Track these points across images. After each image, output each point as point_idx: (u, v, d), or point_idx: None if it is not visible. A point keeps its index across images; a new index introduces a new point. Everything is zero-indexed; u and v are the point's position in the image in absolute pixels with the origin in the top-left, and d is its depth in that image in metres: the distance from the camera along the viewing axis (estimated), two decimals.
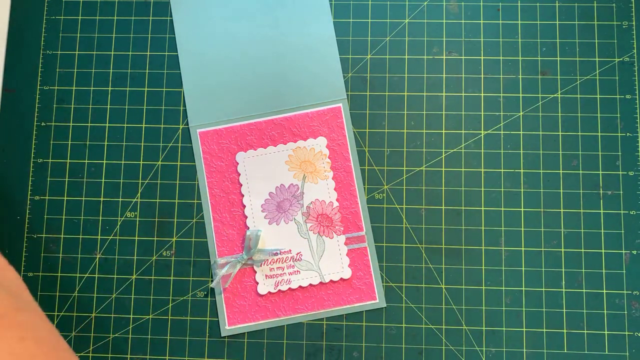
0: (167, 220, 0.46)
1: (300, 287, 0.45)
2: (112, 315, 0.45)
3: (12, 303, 0.24)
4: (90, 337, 0.45)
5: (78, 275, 0.46)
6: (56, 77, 0.48)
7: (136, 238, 0.46)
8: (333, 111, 0.46)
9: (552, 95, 0.46)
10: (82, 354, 0.45)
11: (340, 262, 0.45)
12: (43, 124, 0.48)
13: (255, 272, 0.45)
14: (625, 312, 0.44)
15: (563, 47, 0.47)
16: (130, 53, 0.48)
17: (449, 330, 0.44)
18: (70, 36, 0.49)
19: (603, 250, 0.45)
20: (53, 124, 0.48)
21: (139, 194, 0.46)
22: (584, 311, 0.44)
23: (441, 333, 0.44)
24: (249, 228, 0.45)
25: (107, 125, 0.47)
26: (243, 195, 0.46)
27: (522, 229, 0.45)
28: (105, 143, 0.47)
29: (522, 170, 0.46)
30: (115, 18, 0.49)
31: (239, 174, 0.46)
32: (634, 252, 0.44)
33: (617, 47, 0.47)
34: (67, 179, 0.47)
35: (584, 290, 0.44)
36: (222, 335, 0.45)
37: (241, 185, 0.46)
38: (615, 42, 0.47)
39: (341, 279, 0.45)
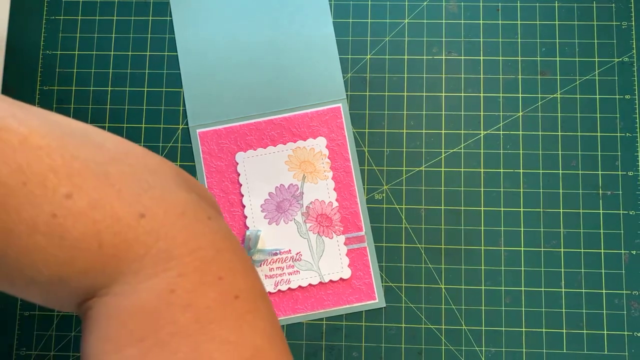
0: None
1: (299, 287, 0.45)
2: None
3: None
4: None
5: None
6: (56, 77, 0.48)
7: None
8: (333, 111, 0.47)
9: (552, 96, 0.46)
10: None
11: (339, 262, 0.45)
12: None
13: None
14: (625, 312, 0.44)
15: (562, 47, 0.47)
16: (130, 53, 0.48)
17: (449, 330, 0.44)
18: (70, 36, 0.49)
19: (602, 250, 0.45)
20: None
21: None
22: (584, 311, 0.44)
23: (441, 333, 0.44)
24: (248, 228, 0.45)
25: (107, 125, 0.47)
26: (243, 195, 0.46)
27: (522, 229, 0.45)
28: None
29: (521, 171, 0.46)
30: (115, 18, 0.49)
31: (239, 174, 0.46)
32: (634, 252, 0.44)
33: (616, 48, 0.47)
34: None
35: (583, 290, 0.44)
36: None
37: (241, 185, 0.46)
38: (615, 42, 0.47)
39: (341, 279, 0.45)
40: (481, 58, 0.47)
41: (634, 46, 0.47)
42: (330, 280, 0.45)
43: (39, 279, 0.20)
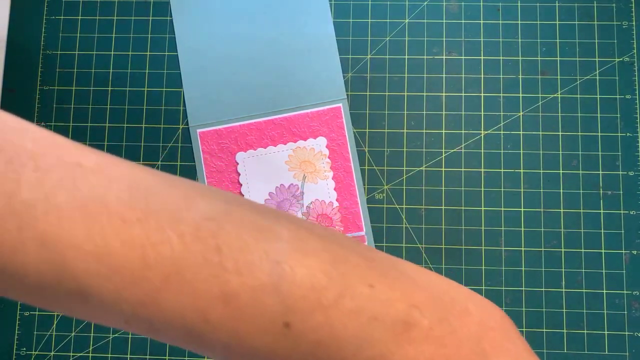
0: None
1: None
2: None
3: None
4: (90, 337, 0.45)
5: None
6: (56, 77, 0.48)
7: None
8: (333, 111, 0.47)
9: (552, 96, 0.46)
10: (82, 354, 0.45)
11: None
12: (43, 124, 0.48)
13: None
14: (625, 312, 0.44)
15: (563, 47, 0.47)
16: (130, 53, 0.48)
17: None
18: (70, 36, 0.49)
19: (603, 250, 0.45)
20: (53, 124, 0.48)
21: None
22: (584, 311, 0.44)
23: None
24: None
25: (107, 125, 0.47)
26: (243, 196, 0.46)
27: (522, 229, 0.45)
28: (105, 143, 0.47)
29: (522, 171, 0.46)
30: (115, 18, 0.49)
31: (239, 174, 0.46)
32: (634, 252, 0.44)
33: (617, 47, 0.47)
34: None
35: (583, 290, 0.44)
36: None
37: (241, 185, 0.46)
38: (615, 42, 0.47)
39: None
40: (481, 58, 0.47)
41: (635, 46, 0.47)
42: None
43: None
